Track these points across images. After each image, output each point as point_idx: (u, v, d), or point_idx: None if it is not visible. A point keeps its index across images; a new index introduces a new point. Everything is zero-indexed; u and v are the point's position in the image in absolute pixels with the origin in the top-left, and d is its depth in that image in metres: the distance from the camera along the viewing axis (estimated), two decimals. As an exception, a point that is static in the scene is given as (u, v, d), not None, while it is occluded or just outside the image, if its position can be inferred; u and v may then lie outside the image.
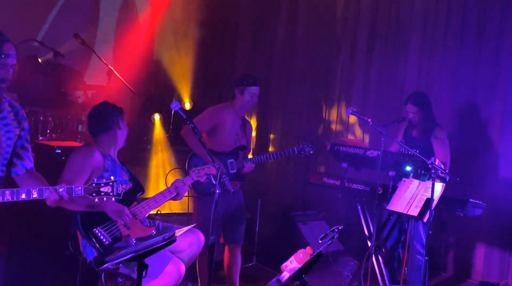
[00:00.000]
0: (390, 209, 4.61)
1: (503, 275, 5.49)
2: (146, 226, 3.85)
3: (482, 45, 5.66)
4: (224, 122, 4.63)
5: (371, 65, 6.58)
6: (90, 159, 3.72)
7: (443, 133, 5.05)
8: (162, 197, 3.92)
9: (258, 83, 4.67)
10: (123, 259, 2.86)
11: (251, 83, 4.62)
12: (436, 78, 5.99)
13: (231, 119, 4.66)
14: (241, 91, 4.63)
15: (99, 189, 2.95)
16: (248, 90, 4.62)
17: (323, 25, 7.07)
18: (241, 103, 4.66)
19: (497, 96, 5.56)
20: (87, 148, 3.83)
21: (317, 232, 5.71)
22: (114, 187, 2.97)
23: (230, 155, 4.60)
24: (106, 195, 2.95)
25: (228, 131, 4.64)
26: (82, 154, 3.77)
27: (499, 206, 5.39)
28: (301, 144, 4.79)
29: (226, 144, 4.63)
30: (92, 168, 3.71)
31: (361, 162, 4.85)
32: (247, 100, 4.65)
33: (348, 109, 4.62)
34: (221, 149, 4.61)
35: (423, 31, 6.13)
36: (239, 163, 4.61)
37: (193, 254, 3.98)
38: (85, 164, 3.69)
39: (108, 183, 2.96)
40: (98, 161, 3.75)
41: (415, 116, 5.05)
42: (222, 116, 4.64)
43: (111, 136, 3.89)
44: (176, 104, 3.79)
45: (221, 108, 4.71)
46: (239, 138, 4.71)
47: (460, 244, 5.81)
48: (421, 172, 4.45)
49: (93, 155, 3.74)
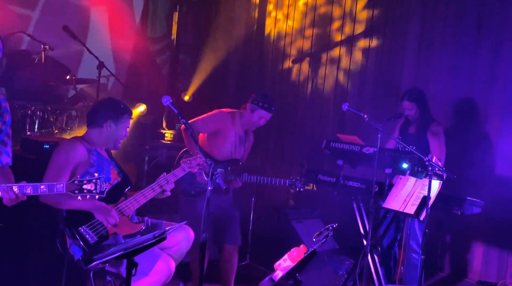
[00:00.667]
0: (386, 207, 4.63)
1: (501, 275, 5.52)
2: (135, 223, 3.85)
3: (481, 39, 5.68)
4: (227, 131, 4.65)
5: (367, 59, 6.59)
6: (74, 154, 3.71)
7: (439, 129, 5.09)
8: (151, 191, 3.91)
9: (272, 110, 4.71)
10: (112, 257, 2.87)
11: (266, 108, 4.67)
12: (433, 73, 6.01)
13: (235, 129, 4.70)
14: (253, 110, 4.68)
15: (81, 186, 2.93)
16: (259, 112, 4.66)
17: (319, 19, 7.07)
18: (248, 119, 4.69)
19: (496, 92, 5.58)
20: (70, 143, 3.82)
21: (312, 230, 5.70)
22: (97, 184, 2.95)
23: (221, 165, 4.61)
24: (89, 192, 2.93)
25: (228, 141, 4.67)
26: (64, 149, 3.76)
27: (497, 204, 5.41)
28: (293, 178, 4.82)
29: (222, 152, 4.65)
30: (75, 163, 3.70)
31: (357, 158, 4.87)
32: (254, 121, 4.68)
33: (344, 105, 4.63)
34: (216, 155, 4.62)
35: (421, 24, 6.15)
36: (228, 176, 4.62)
37: (183, 250, 3.99)
38: (69, 159, 3.69)
39: (91, 180, 2.94)
40: (82, 155, 3.74)
41: (412, 113, 5.08)
42: (228, 123, 4.67)
43: (98, 134, 3.88)
44: (168, 98, 3.79)
45: (229, 115, 4.74)
46: (236, 151, 4.74)
47: (457, 243, 5.84)
48: (418, 169, 4.47)
49: (76, 150, 3.73)
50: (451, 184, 4.78)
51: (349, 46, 6.75)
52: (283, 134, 7.34)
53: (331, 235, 3.12)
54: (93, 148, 3.85)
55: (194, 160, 4.06)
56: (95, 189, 2.94)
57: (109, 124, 3.87)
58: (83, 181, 2.94)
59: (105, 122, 3.86)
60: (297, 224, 5.84)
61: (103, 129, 3.87)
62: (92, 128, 3.90)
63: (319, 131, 6.80)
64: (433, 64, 6.01)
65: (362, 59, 6.64)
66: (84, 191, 2.93)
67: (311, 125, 7.02)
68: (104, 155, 3.93)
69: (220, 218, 4.67)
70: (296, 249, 3.19)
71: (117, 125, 3.89)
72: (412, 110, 5.08)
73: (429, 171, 4.26)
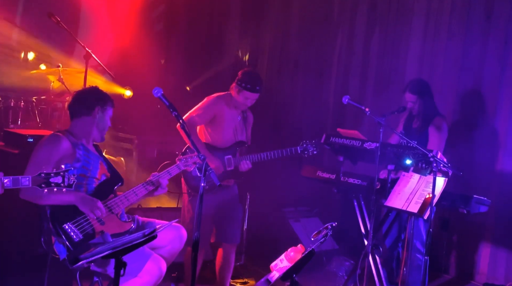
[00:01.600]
0: (388, 205, 4.62)
1: (509, 277, 5.52)
2: (124, 222, 3.83)
3: (490, 30, 5.66)
4: (223, 114, 4.62)
5: (370, 51, 6.57)
6: (57, 148, 3.68)
7: (443, 123, 5.05)
8: (143, 189, 3.89)
9: (257, 90, 4.62)
10: (99, 256, 2.85)
11: (249, 88, 4.59)
12: (439, 65, 5.99)
13: (230, 111, 4.65)
14: (238, 91, 4.62)
15: (48, 179, 2.93)
16: (243, 93, 4.61)
17: (319, 7, 7.05)
18: (235, 101, 4.65)
19: (505, 85, 5.57)
20: (53, 136, 3.79)
21: (310, 229, 5.71)
22: (65, 177, 2.96)
23: (228, 151, 4.60)
24: (57, 185, 2.94)
25: (227, 125, 4.63)
26: (47, 142, 3.73)
27: (505, 202, 5.42)
28: (304, 143, 4.77)
29: (224, 138, 4.63)
30: (58, 157, 3.66)
31: (358, 154, 4.85)
32: (241, 102, 4.63)
33: (344, 97, 4.61)
34: (219, 143, 4.61)
35: (426, 15, 6.12)
36: (237, 160, 4.60)
37: (175, 250, 3.97)
38: (51, 153, 3.65)
39: (58, 173, 2.95)
40: (66, 149, 3.71)
41: (414, 105, 5.05)
42: (222, 107, 4.63)
43: (85, 124, 3.86)
44: (159, 90, 3.76)
45: (220, 98, 4.69)
46: (238, 133, 4.70)
47: (463, 243, 5.83)
48: (422, 166, 4.44)
49: (60, 143, 3.71)
50: (457, 181, 4.77)
51: (351, 36, 6.73)
52: (280, 129, 7.32)
53: (330, 234, 3.10)
54: (79, 141, 3.82)
55: (191, 158, 4.05)
56: (62, 182, 2.96)
57: (97, 112, 3.86)
58: (50, 174, 2.94)
59: (93, 110, 3.85)
60: (294, 222, 5.84)
61: (91, 117, 3.85)
62: (78, 118, 3.87)
63: (319, 126, 6.78)
64: (439, 56, 6.00)
65: (364, 50, 6.62)
66: (52, 184, 2.94)
67: (310, 119, 7.00)
68: (91, 149, 3.90)
69: (222, 216, 4.66)
70: (294, 248, 3.18)
71: (103, 113, 3.89)
72: (415, 103, 5.04)
73: (434, 168, 4.24)
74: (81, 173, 3.74)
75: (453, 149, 5.32)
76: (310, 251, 2.99)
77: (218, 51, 8.12)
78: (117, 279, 2.91)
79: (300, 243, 3.63)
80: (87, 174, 3.76)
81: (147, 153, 6.44)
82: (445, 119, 5.14)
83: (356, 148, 4.78)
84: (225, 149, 4.61)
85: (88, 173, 3.77)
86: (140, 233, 3.00)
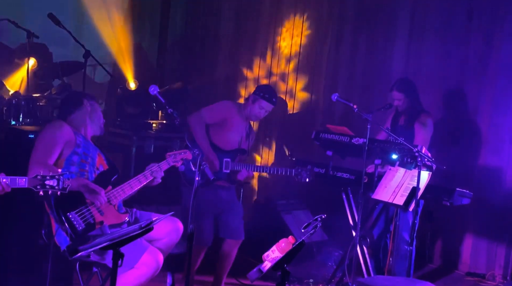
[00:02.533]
0: (375, 198, 4.65)
1: (490, 266, 5.57)
2: (122, 213, 3.84)
3: (472, 29, 5.69)
4: (233, 120, 4.66)
5: (357, 49, 6.58)
6: (61, 132, 3.72)
7: (428, 119, 5.09)
8: (137, 182, 3.90)
9: (274, 102, 4.69)
10: (97, 247, 2.86)
11: (267, 98, 4.65)
12: (424, 63, 6.01)
13: (240, 121, 4.69)
14: (254, 100, 4.67)
15: (43, 182, 2.98)
16: (260, 102, 4.65)
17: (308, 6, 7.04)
18: (250, 110, 4.68)
19: (487, 83, 5.61)
20: (56, 122, 3.86)
21: (301, 221, 5.73)
22: (60, 180, 3.00)
23: (228, 154, 4.62)
24: (51, 188, 2.99)
25: (234, 131, 4.68)
26: (51, 127, 3.78)
27: (487, 195, 5.45)
28: (299, 168, 4.79)
29: (229, 142, 4.66)
30: (64, 140, 3.70)
31: (347, 149, 4.87)
32: (255, 112, 4.67)
33: (334, 95, 4.63)
34: (223, 145, 4.62)
35: (410, 13, 6.14)
36: (236, 166, 4.62)
37: (172, 242, 3.98)
38: (56, 137, 3.68)
39: (54, 176, 3.00)
40: (68, 134, 3.75)
41: (400, 103, 5.09)
42: (234, 113, 4.68)
43: (78, 117, 3.88)
44: (155, 88, 3.77)
45: (235, 105, 4.78)
46: (243, 142, 4.73)
47: (446, 234, 5.87)
48: (407, 160, 4.48)
49: (63, 128, 3.75)
50: (441, 175, 4.80)
51: (339, 34, 6.73)
52: (271, 126, 7.32)
53: (319, 226, 3.11)
54: (78, 131, 3.86)
55: (179, 154, 4.07)
56: (57, 185, 3.00)
57: (86, 104, 3.90)
58: (45, 177, 2.99)
59: (82, 102, 3.90)
60: (285, 215, 5.85)
61: (83, 111, 3.89)
62: (70, 116, 3.89)
63: (309, 122, 6.79)
64: (423, 54, 6.02)
65: (352, 48, 6.62)
66: (47, 187, 2.98)
67: (300, 116, 7.01)
68: (89, 141, 3.93)
69: (223, 212, 4.68)
70: (285, 240, 3.18)
71: (92, 106, 3.94)
72: (401, 101, 5.08)
73: (419, 162, 4.28)
74: (83, 159, 3.77)
75: (437, 144, 5.34)
76: (301, 242, 2.99)
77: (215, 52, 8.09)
78: (115, 269, 2.91)
79: (291, 235, 3.63)
80: (87, 159, 3.79)
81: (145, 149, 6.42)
82: (431, 116, 5.17)
83: (345, 143, 4.82)
84: (226, 151, 4.63)
85: (89, 159, 3.80)
86: (137, 225, 3.01)
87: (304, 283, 5.16)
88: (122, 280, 3.53)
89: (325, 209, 4.90)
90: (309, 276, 5.26)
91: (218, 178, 4.54)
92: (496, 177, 5.51)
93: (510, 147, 5.47)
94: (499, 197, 5.47)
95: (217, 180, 4.50)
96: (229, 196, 4.75)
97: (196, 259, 4.66)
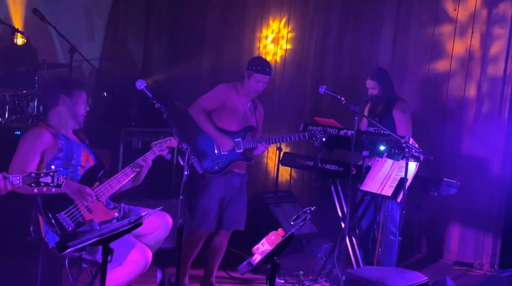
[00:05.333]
0: (363, 189, 4.66)
1: (477, 255, 5.61)
2: (110, 209, 3.81)
3: (457, 20, 5.71)
4: (233, 102, 4.61)
5: (344, 41, 6.59)
6: (40, 140, 3.65)
7: (405, 106, 5.12)
8: (124, 175, 3.86)
9: (268, 72, 4.62)
10: (86, 243, 2.84)
11: (260, 70, 4.58)
12: (410, 54, 6.03)
13: (239, 99, 4.64)
14: (249, 76, 4.61)
15: (38, 179, 2.96)
16: (255, 76, 4.59)
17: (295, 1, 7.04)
18: (247, 87, 4.63)
19: (474, 74, 5.63)
20: (35, 129, 3.76)
21: (290, 213, 5.74)
22: (54, 177, 2.98)
23: (238, 134, 4.60)
24: (46, 185, 2.97)
25: (236, 112, 4.63)
26: (30, 135, 3.70)
27: (474, 185, 5.50)
28: (312, 129, 4.75)
29: (235, 123, 4.61)
30: (42, 149, 3.64)
31: (335, 141, 4.88)
32: (252, 87, 4.62)
33: (321, 87, 4.63)
34: (229, 127, 4.60)
35: (396, 5, 6.15)
36: (248, 143, 4.59)
37: (161, 237, 3.95)
38: (35, 145, 3.63)
39: (48, 173, 2.97)
40: (48, 141, 3.68)
41: (375, 91, 5.12)
42: (231, 95, 4.63)
43: (57, 114, 3.81)
44: (142, 82, 3.74)
45: (230, 87, 4.70)
46: (248, 119, 4.69)
47: (434, 224, 5.91)
48: (395, 151, 4.50)
49: (42, 135, 3.67)
50: (428, 165, 4.83)
51: (326, 26, 6.73)
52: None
53: (309, 218, 3.11)
54: (59, 132, 3.78)
55: (164, 142, 4.03)
56: (52, 182, 2.98)
57: (62, 99, 3.79)
58: (40, 174, 2.96)
59: (59, 98, 3.79)
60: (275, 208, 5.85)
61: (60, 107, 3.79)
62: (49, 110, 3.83)
63: (297, 115, 6.79)
64: (410, 45, 6.04)
65: (339, 40, 6.62)
66: (41, 184, 2.96)
67: (288, 108, 7.00)
68: (72, 138, 3.85)
69: (231, 199, 4.67)
70: (274, 232, 3.18)
71: (71, 99, 3.80)
72: (375, 89, 5.12)
73: (406, 153, 4.30)
74: (65, 162, 3.71)
75: (424, 135, 5.37)
76: (290, 234, 3.00)
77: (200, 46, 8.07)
78: (104, 265, 2.90)
79: (281, 227, 3.64)
80: (71, 162, 3.73)
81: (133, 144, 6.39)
82: (408, 104, 5.20)
83: (333, 136, 4.82)
84: (235, 132, 4.60)
85: (72, 161, 3.74)
86: (126, 220, 2.99)
87: (294, 275, 5.17)
88: (111, 277, 3.50)
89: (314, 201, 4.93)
90: (299, 268, 5.27)
91: (234, 160, 4.55)
92: (483, 167, 5.55)
93: (496, 137, 5.51)
94: (486, 186, 5.51)
95: (207, 174, 4.49)
96: (239, 183, 4.72)
97: (196, 245, 4.65)
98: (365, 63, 6.29)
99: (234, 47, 7.54)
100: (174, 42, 8.32)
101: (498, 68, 5.47)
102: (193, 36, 8.02)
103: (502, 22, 5.45)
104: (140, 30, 8.33)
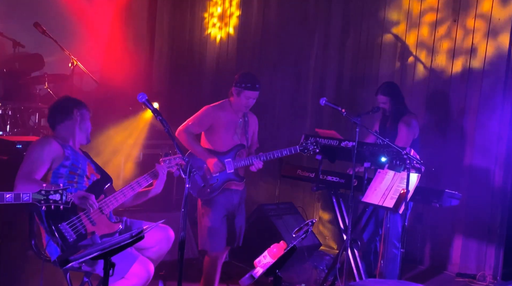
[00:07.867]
0: (365, 201, 4.66)
1: (480, 267, 5.59)
2: (113, 222, 3.82)
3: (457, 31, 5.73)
4: (220, 122, 4.57)
5: (344, 53, 6.60)
6: (49, 149, 3.70)
7: (412, 119, 5.13)
8: (130, 190, 3.88)
9: (257, 88, 4.57)
10: (88, 257, 2.85)
11: (249, 87, 4.53)
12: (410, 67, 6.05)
13: (228, 118, 4.60)
14: (238, 93, 4.57)
15: (47, 196, 3.00)
16: (244, 93, 4.55)
17: (296, 11, 7.05)
18: (237, 104, 4.61)
19: (474, 84, 5.65)
20: (44, 139, 3.84)
21: (292, 226, 5.73)
22: (63, 195, 3.03)
23: (228, 154, 4.58)
24: (55, 202, 3.01)
25: (226, 131, 4.59)
26: (39, 144, 3.76)
27: (476, 196, 5.49)
28: (304, 142, 4.71)
29: (224, 143, 4.59)
30: (51, 157, 3.69)
31: (336, 153, 4.88)
32: (243, 103, 4.59)
33: (322, 99, 4.64)
34: (219, 148, 4.58)
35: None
36: (238, 162, 4.57)
37: (163, 251, 3.95)
38: (44, 153, 3.67)
39: (57, 190, 3.02)
40: (56, 150, 3.73)
41: (386, 106, 5.14)
42: (218, 115, 4.58)
43: (67, 127, 3.87)
44: (143, 95, 3.75)
45: (217, 107, 4.64)
46: (239, 137, 4.67)
47: (436, 235, 5.89)
48: (396, 163, 4.49)
49: (51, 144, 3.73)
50: (430, 177, 4.82)
51: (327, 40, 6.75)
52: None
53: (311, 230, 3.12)
54: (66, 143, 3.83)
55: (174, 159, 4.03)
56: (60, 199, 3.01)
57: (76, 114, 3.88)
58: (49, 192, 3.01)
59: (72, 113, 3.87)
60: (276, 220, 5.83)
61: (70, 121, 3.87)
62: (59, 125, 3.88)
63: (297, 126, 6.80)
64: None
65: (340, 54, 6.64)
66: (50, 202, 3.01)
67: (289, 120, 7.01)
68: (78, 152, 3.89)
69: (234, 217, 4.67)
70: (276, 245, 3.18)
71: (82, 115, 3.91)
72: (386, 104, 5.15)
73: (408, 164, 4.30)
74: (71, 171, 3.74)
75: (425, 147, 5.37)
76: (292, 247, 3.00)
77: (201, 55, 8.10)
78: (106, 279, 2.90)
79: (282, 240, 3.64)
80: (77, 171, 3.76)
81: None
82: (415, 117, 5.21)
83: (334, 147, 4.82)
84: (224, 152, 4.59)
85: (78, 170, 3.77)
86: (128, 234, 3.00)
87: (296, 288, 5.15)
88: (114, 291, 3.51)
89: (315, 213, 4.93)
90: (301, 280, 5.26)
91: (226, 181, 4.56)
92: (484, 178, 5.54)
93: (497, 147, 5.51)
94: (488, 197, 5.51)
95: (208, 186, 4.49)
96: (238, 200, 4.72)
97: (215, 270, 4.64)
98: (365, 75, 6.31)
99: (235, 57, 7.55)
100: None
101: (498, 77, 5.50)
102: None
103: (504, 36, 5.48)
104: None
